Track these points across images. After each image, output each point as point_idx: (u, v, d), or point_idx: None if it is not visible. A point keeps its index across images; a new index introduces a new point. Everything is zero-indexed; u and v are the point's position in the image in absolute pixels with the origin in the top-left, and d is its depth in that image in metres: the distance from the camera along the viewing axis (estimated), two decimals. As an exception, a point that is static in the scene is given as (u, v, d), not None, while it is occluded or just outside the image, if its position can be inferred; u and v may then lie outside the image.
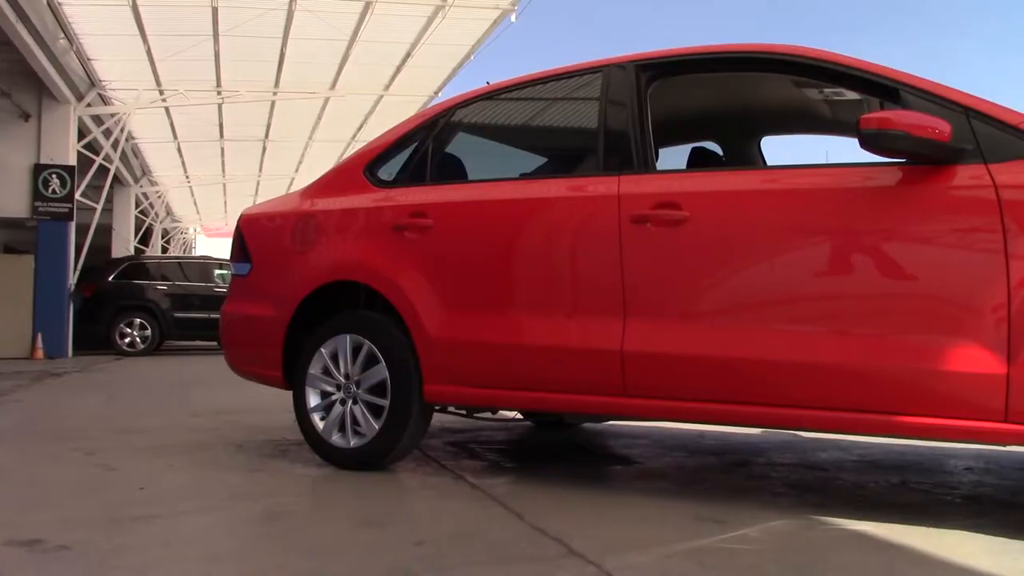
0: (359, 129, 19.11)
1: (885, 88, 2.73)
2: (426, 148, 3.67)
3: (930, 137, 2.45)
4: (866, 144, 2.52)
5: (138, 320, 13.84)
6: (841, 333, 2.60)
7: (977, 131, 2.50)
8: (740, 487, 3.17)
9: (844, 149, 3.84)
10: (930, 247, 2.52)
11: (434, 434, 4.47)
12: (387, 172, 3.74)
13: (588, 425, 4.87)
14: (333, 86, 15.91)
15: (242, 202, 22.53)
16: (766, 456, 3.84)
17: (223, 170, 23.47)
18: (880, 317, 2.57)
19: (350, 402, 3.48)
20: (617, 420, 4.75)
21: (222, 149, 20.91)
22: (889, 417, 2.53)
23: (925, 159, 2.52)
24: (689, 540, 2.39)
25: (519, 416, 4.53)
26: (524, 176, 3.78)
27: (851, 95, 3.41)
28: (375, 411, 3.41)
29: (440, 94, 16.33)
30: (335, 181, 3.90)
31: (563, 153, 4.14)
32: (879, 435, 2.86)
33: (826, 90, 3.52)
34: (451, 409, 3.65)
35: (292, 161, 22.63)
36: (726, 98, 3.92)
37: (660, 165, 3.33)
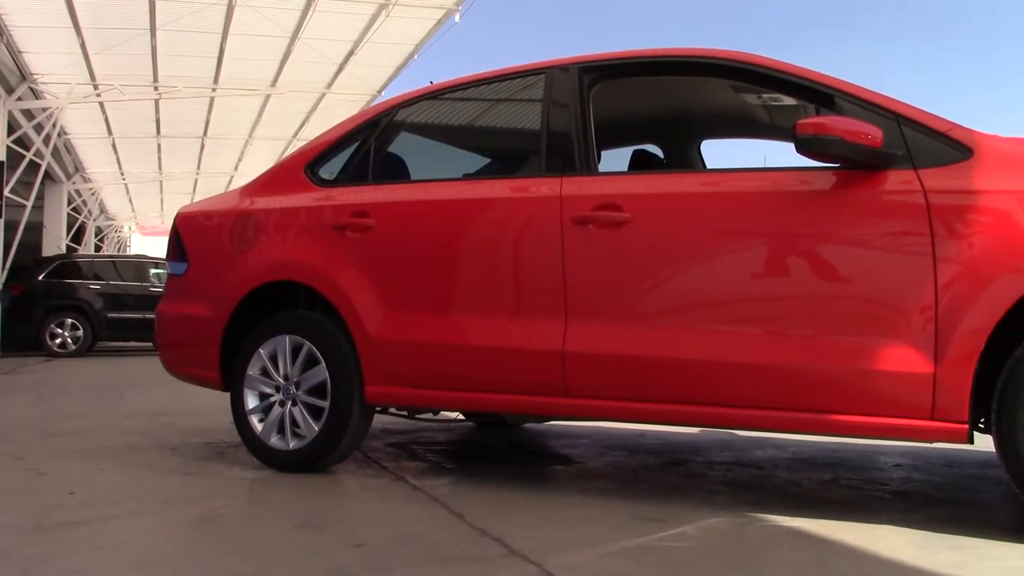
0: (300, 127, 18.89)
1: (820, 94, 2.79)
2: (368, 147, 3.64)
3: (863, 143, 2.51)
4: (802, 148, 2.58)
5: (69, 320, 13.45)
6: (777, 334, 2.66)
7: (908, 137, 2.58)
8: (679, 486, 3.22)
9: (782, 153, 3.93)
10: (863, 250, 2.59)
11: (375, 435, 4.44)
12: (328, 171, 3.70)
13: (530, 425, 4.89)
14: (274, 83, 15.69)
15: (179, 200, 22.09)
16: (704, 455, 3.90)
17: (160, 167, 22.97)
18: (815, 318, 2.63)
19: (289, 404, 3.44)
20: (559, 420, 4.78)
21: (159, 146, 20.46)
22: (823, 416, 2.59)
23: (858, 164, 2.58)
24: (628, 539, 2.41)
25: (461, 417, 4.53)
26: (467, 177, 3.78)
27: (788, 100, 3.48)
28: (315, 412, 3.37)
29: (383, 93, 16.23)
30: (275, 180, 3.85)
31: (506, 154, 4.15)
32: (813, 433, 2.93)
33: (764, 95, 3.59)
34: (392, 410, 3.63)
35: (231, 159, 22.26)
36: (667, 101, 3.97)
37: (602, 167, 3.36)
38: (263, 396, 3.52)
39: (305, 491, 3.10)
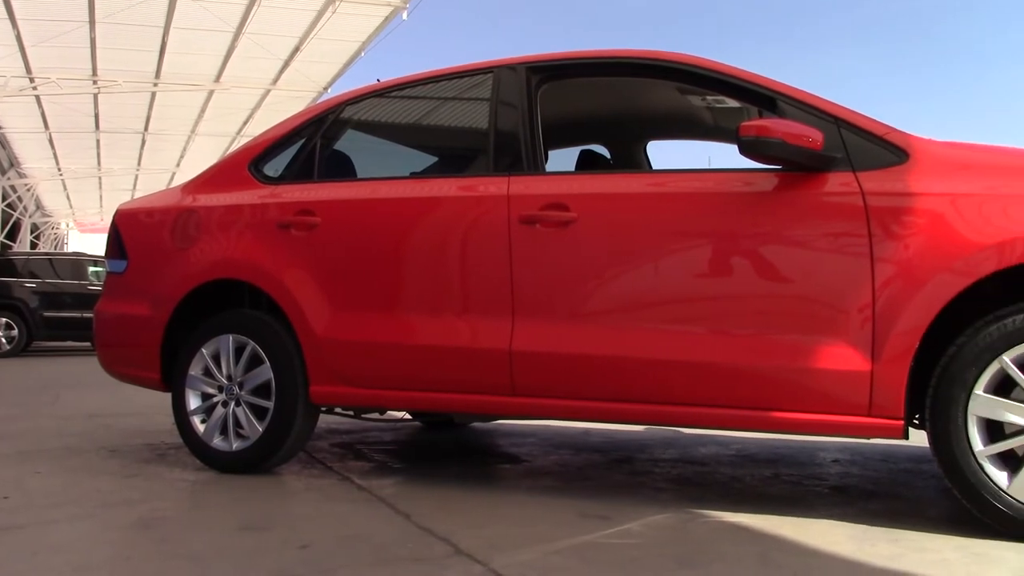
0: (245, 124, 18.65)
1: (763, 97, 2.84)
2: (314, 144, 3.61)
3: (804, 145, 2.56)
4: (745, 150, 2.62)
5: (4, 319, 13.05)
6: (721, 333, 2.70)
7: (846, 140, 2.64)
8: (624, 483, 3.25)
9: (726, 155, 3.99)
10: (803, 250, 2.64)
11: (320, 435, 4.40)
12: (273, 168, 3.66)
13: (477, 424, 4.89)
14: (218, 79, 15.46)
15: (119, 197, 21.64)
16: (649, 452, 3.94)
17: (99, 163, 22.45)
18: (758, 317, 2.67)
19: (232, 404, 3.39)
20: (506, 419, 4.79)
21: (98, 141, 20.00)
22: (765, 413, 2.64)
23: (799, 166, 2.63)
24: (574, 536, 2.43)
25: (407, 416, 4.51)
26: (414, 175, 3.76)
27: (732, 103, 3.53)
28: (259, 413, 3.33)
29: (330, 90, 16.11)
30: (218, 176, 3.79)
31: (453, 153, 4.14)
32: (756, 430, 2.98)
33: (708, 97, 3.64)
34: (338, 410, 3.60)
35: (173, 155, 21.86)
36: (614, 102, 4.01)
37: (549, 167, 3.38)
38: (205, 396, 3.46)
39: (249, 492, 3.05)
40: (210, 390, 3.45)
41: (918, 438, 2.62)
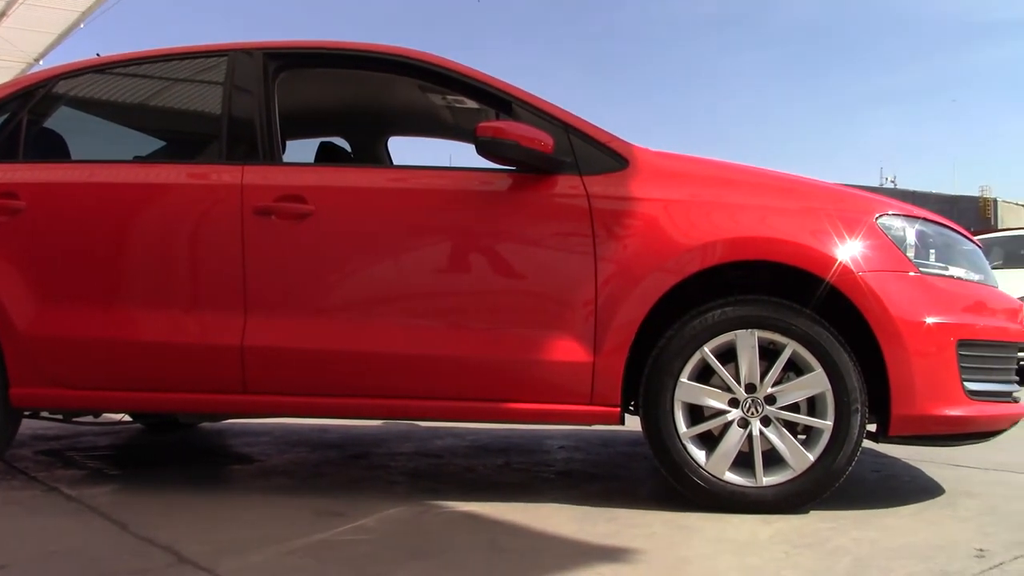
0: (-65, 93, 16.37)
1: (500, 100, 2.96)
2: (20, 121, 3.25)
3: (536, 148, 2.70)
4: (482, 150, 2.71)
5: None
6: (456, 327, 2.77)
7: (575, 146, 2.81)
8: (360, 479, 3.23)
9: (467, 154, 4.09)
10: (535, 248, 2.78)
11: (23, 442, 3.97)
12: (-33, 144, 3.24)
13: (205, 424, 4.65)
14: (-101, 39, 13.49)
15: None
16: (386, 447, 3.96)
17: None
18: (492, 312, 2.78)
19: (-88, 410, 2.97)
20: (237, 418, 4.60)
21: None
22: (498, 404, 2.76)
23: (532, 168, 2.77)
24: (307, 535, 2.38)
25: (126, 418, 4.19)
26: (138, 159, 3.50)
27: (471, 104, 3.63)
28: (-54, 419, 2.95)
29: (41, 62, 14.60)
30: None
31: (183, 138, 3.90)
32: (490, 421, 3.09)
33: (449, 97, 3.71)
34: (45, 414, 3.28)
35: None
36: (355, 95, 3.97)
37: (287, 158, 3.29)
38: None
39: (-68, 510, 2.69)
40: None
41: (633, 423, 2.85)
